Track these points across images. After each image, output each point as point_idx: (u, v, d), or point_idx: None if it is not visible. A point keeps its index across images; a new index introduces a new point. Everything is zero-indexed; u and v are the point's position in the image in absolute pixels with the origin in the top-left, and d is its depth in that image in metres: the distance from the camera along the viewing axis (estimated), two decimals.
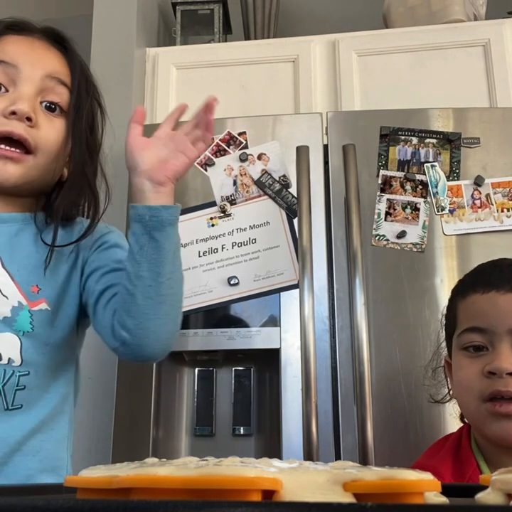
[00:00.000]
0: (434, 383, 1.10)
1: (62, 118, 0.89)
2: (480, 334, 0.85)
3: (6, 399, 0.81)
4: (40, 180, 0.88)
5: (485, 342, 0.85)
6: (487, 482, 0.36)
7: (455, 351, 0.90)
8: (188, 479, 0.31)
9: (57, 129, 0.88)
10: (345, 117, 1.66)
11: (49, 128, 0.86)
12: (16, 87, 0.84)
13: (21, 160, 0.84)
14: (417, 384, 1.41)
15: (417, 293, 1.48)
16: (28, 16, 0.95)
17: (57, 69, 0.89)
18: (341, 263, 1.51)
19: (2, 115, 0.82)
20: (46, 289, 0.87)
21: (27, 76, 0.85)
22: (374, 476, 0.32)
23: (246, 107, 1.93)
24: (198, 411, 1.55)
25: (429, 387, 1.13)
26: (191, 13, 2.21)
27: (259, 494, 0.31)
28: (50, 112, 0.87)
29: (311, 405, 1.33)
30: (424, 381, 1.17)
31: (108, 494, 0.33)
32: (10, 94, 0.84)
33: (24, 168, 0.84)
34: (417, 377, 1.41)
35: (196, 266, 1.55)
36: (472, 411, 0.86)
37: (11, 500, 0.30)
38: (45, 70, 0.87)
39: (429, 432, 1.37)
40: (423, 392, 1.40)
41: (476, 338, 0.86)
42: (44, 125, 0.86)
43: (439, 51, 1.91)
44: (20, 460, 0.82)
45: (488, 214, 1.52)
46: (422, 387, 1.40)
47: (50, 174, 0.89)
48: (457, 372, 0.88)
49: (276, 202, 1.58)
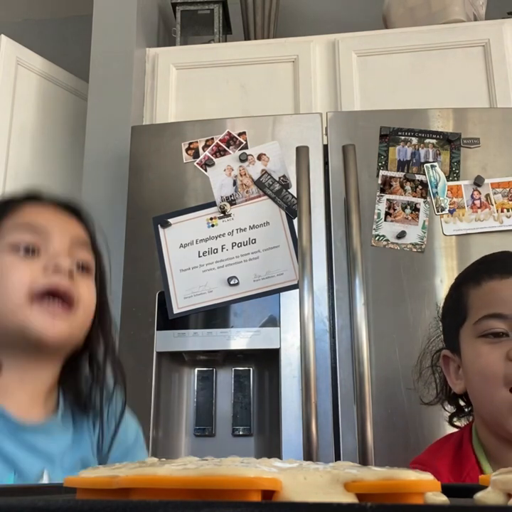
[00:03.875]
0: (420, 385, 1.09)
1: (90, 279, 0.87)
2: (501, 320, 0.84)
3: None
4: (76, 341, 0.85)
5: (506, 328, 0.83)
6: (487, 482, 0.36)
7: (470, 340, 0.87)
8: (188, 479, 0.31)
9: (90, 287, 0.87)
10: (345, 117, 1.66)
11: (85, 285, 0.85)
12: (48, 248, 0.83)
13: (68, 315, 0.81)
14: (417, 384, 1.41)
15: (417, 293, 1.48)
16: (28, 15, 0.95)
17: (81, 234, 0.89)
18: (341, 263, 1.51)
19: (43, 270, 0.81)
20: None
21: (57, 238, 0.84)
22: (374, 476, 0.32)
23: (246, 107, 1.93)
24: (198, 411, 1.55)
25: (419, 389, 1.11)
26: (191, 13, 2.21)
27: (259, 494, 0.31)
28: (81, 271, 0.86)
29: (310, 405, 1.33)
30: (415, 384, 1.14)
31: (108, 494, 0.33)
32: (43, 255, 0.83)
33: (69, 324, 0.81)
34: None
35: (196, 266, 1.55)
36: (496, 401, 0.82)
37: (11, 501, 0.30)
38: (71, 234, 0.87)
39: (429, 431, 1.37)
40: (423, 392, 1.40)
41: (497, 325, 0.84)
42: (80, 282, 0.84)
43: (438, 51, 1.91)
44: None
45: (488, 214, 1.52)
46: (422, 387, 1.40)
47: (82, 335, 0.85)
48: (475, 360, 0.85)
49: (276, 202, 1.58)
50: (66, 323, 0.80)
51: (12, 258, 0.81)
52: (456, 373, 0.92)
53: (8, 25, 2.51)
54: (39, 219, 0.86)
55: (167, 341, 1.51)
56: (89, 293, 0.85)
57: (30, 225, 0.84)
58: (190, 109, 1.96)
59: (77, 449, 0.85)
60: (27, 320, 0.78)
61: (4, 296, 0.79)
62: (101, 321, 0.88)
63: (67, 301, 0.81)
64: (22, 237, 0.83)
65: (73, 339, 0.83)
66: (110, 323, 0.90)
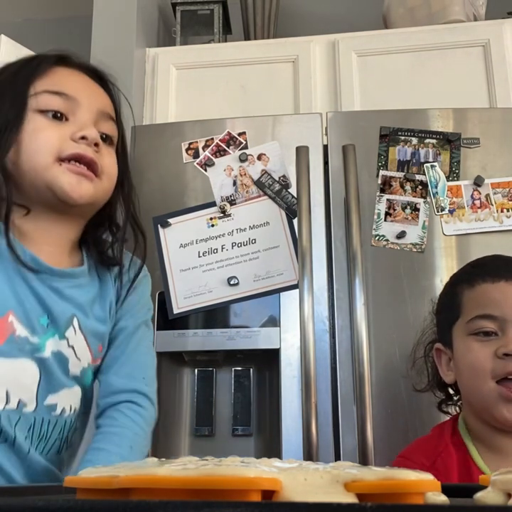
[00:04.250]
0: (414, 374, 1.16)
1: (113, 149, 0.93)
2: (491, 321, 0.92)
3: (68, 443, 0.89)
4: (99, 205, 0.91)
5: (495, 328, 0.91)
6: (487, 482, 0.36)
7: (462, 337, 0.95)
8: (187, 479, 0.31)
9: (113, 158, 0.92)
10: (345, 117, 1.66)
11: (109, 156, 0.91)
12: (76, 116, 0.87)
13: (94, 180, 0.87)
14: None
15: (417, 293, 1.48)
16: (28, 15, 0.96)
17: (107, 105, 0.94)
18: (341, 263, 1.51)
19: (71, 139, 0.85)
20: (105, 345, 0.93)
21: (86, 107, 0.88)
22: (374, 476, 0.32)
23: (246, 107, 1.93)
24: (198, 411, 1.55)
25: (412, 377, 1.20)
26: (191, 14, 2.21)
27: (259, 494, 0.31)
28: (103, 142, 0.91)
29: (310, 405, 1.33)
30: (409, 372, 1.23)
31: (108, 494, 0.33)
32: (71, 122, 0.87)
33: (94, 188, 0.87)
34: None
35: (196, 266, 1.55)
36: (484, 391, 0.90)
37: (11, 501, 0.30)
38: (99, 104, 0.91)
39: (429, 431, 1.37)
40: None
41: (487, 325, 0.92)
42: (105, 152, 0.90)
43: (438, 51, 1.91)
44: None
45: (487, 214, 1.52)
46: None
47: (105, 201, 0.92)
48: (466, 355, 0.93)
49: (276, 202, 1.58)
50: (91, 185, 0.86)
51: (42, 120, 0.86)
52: (447, 365, 1.00)
53: (8, 25, 2.51)
54: (69, 86, 0.89)
55: (167, 341, 1.51)
56: (113, 163, 0.91)
57: (61, 92, 0.87)
58: (190, 109, 1.96)
59: (105, 300, 0.93)
60: (56, 179, 0.84)
61: (35, 155, 0.84)
62: (122, 187, 0.95)
63: (92, 170, 0.86)
64: (52, 102, 0.87)
65: (97, 202, 0.90)
66: (130, 189, 0.97)
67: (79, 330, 0.87)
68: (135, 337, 0.96)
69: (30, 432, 0.82)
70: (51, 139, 0.84)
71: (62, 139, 0.85)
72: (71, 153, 0.84)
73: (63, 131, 0.85)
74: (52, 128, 0.85)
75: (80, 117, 0.87)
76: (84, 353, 0.88)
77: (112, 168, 0.91)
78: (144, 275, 1.02)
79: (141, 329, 0.98)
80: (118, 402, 0.90)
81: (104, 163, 0.88)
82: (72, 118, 0.87)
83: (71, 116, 0.87)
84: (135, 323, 0.97)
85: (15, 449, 0.80)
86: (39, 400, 0.83)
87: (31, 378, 0.82)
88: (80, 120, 0.87)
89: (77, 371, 0.88)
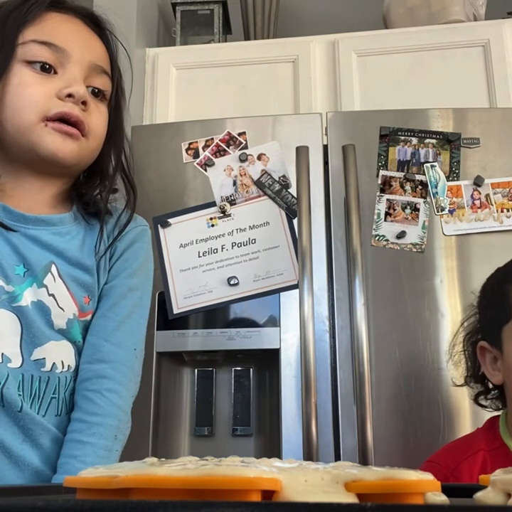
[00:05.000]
0: (451, 367, 1.12)
1: (104, 105, 0.89)
2: None
3: (67, 405, 0.85)
4: (85, 164, 0.89)
5: None
6: (487, 482, 0.36)
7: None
8: (187, 479, 0.31)
9: (103, 115, 0.89)
10: (345, 117, 1.66)
11: (98, 113, 0.87)
12: (65, 69, 0.84)
13: (79, 139, 0.84)
14: (417, 384, 1.41)
15: (417, 293, 1.48)
16: None
17: (101, 57, 0.90)
18: (341, 263, 1.51)
19: (57, 96, 0.82)
20: (93, 298, 0.88)
21: (76, 60, 0.84)
22: (374, 476, 0.32)
23: (246, 107, 1.93)
24: (198, 411, 1.55)
25: (450, 371, 1.18)
26: (191, 14, 2.21)
27: (259, 494, 0.31)
28: (95, 97, 0.88)
29: (310, 405, 1.33)
30: (448, 365, 1.23)
31: (108, 494, 0.33)
32: (60, 76, 0.83)
33: (80, 147, 0.84)
34: (417, 378, 1.41)
35: (196, 266, 1.55)
36: None
37: (11, 501, 0.30)
38: (92, 56, 0.87)
39: (429, 432, 1.37)
40: (423, 392, 1.40)
41: None
42: (93, 110, 0.86)
43: (438, 51, 1.91)
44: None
45: (487, 214, 1.52)
46: (421, 387, 1.40)
47: (92, 159, 0.89)
48: None
49: (276, 202, 1.58)
50: (76, 144, 0.84)
51: (28, 73, 0.82)
52: (493, 364, 0.93)
53: None
54: (60, 35, 0.85)
55: (167, 341, 1.51)
56: (101, 121, 0.88)
57: (50, 42, 0.83)
58: (190, 109, 1.96)
59: (92, 250, 0.89)
60: (40, 139, 0.81)
61: (19, 112, 0.81)
62: (113, 140, 0.92)
63: (79, 129, 0.83)
64: (40, 53, 0.83)
65: (82, 161, 0.87)
66: (121, 142, 0.94)
67: (58, 277, 0.84)
68: (129, 300, 0.91)
69: (21, 389, 0.79)
70: (36, 97, 0.81)
71: (48, 96, 0.81)
72: (57, 113, 0.81)
73: (50, 86, 0.82)
74: (38, 83, 0.82)
75: (69, 71, 0.83)
76: (67, 302, 0.84)
77: (100, 127, 0.87)
78: (142, 229, 0.97)
79: (137, 294, 0.93)
80: (102, 376, 0.85)
81: (91, 121, 0.85)
82: (61, 71, 0.83)
83: (60, 68, 0.83)
84: (129, 283, 0.92)
85: (5, 408, 0.77)
86: (24, 354, 0.80)
87: (11, 329, 0.79)
88: (69, 74, 0.83)
89: (63, 323, 0.84)
